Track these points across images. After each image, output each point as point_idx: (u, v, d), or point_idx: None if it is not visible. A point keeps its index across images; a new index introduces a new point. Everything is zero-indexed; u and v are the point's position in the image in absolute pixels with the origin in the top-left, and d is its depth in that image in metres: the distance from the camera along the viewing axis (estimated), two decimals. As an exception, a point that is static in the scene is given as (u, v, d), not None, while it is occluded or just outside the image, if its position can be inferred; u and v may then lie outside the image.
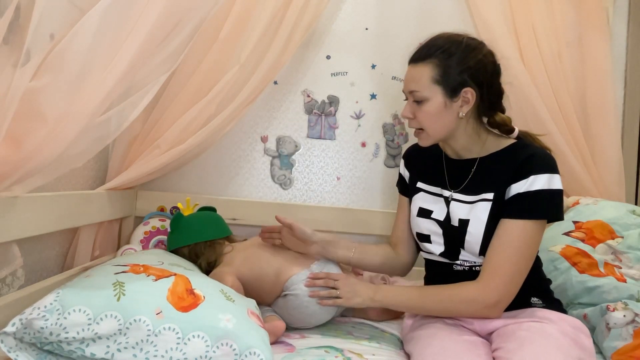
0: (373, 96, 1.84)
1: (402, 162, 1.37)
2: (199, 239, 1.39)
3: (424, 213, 1.22)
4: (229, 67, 1.49)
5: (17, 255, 1.04)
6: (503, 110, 1.19)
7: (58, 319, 0.85)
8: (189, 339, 0.89)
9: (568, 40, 1.69)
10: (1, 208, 0.93)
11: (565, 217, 1.38)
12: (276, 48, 1.54)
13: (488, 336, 1.11)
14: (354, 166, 1.84)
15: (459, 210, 1.15)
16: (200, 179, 1.79)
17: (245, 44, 1.50)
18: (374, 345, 1.20)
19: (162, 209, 1.71)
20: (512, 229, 1.07)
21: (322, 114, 1.83)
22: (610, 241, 1.40)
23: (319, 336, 1.22)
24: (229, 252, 1.38)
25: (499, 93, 1.17)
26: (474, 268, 1.15)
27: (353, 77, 1.84)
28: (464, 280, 1.13)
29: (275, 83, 1.79)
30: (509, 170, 1.10)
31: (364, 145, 1.84)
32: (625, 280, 1.35)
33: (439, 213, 1.19)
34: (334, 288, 1.20)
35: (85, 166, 1.47)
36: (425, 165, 1.29)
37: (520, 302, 1.09)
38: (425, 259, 1.26)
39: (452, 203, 1.18)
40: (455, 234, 1.15)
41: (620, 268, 1.38)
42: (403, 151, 1.84)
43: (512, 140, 1.18)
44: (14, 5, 0.79)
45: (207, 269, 1.35)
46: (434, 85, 1.11)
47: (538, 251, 1.12)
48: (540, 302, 1.12)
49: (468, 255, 1.15)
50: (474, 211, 1.12)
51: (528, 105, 1.63)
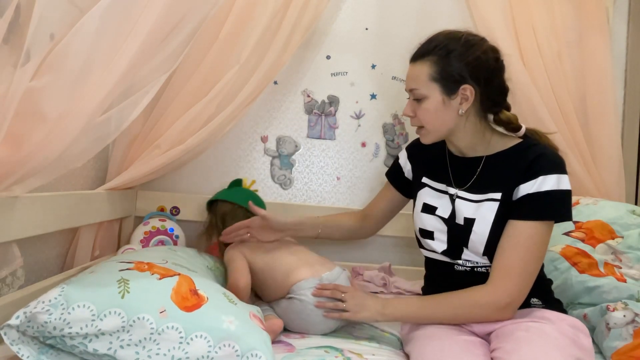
0: (373, 96, 1.84)
1: (405, 154, 1.36)
2: (242, 204, 1.46)
3: (429, 209, 1.21)
4: (229, 67, 1.49)
5: (17, 255, 1.04)
6: (508, 108, 1.17)
7: (62, 313, 0.86)
8: (191, 339, 0.89)
9: (568, 40, 1.69)
10: (1, 208, 0.93)
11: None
12: (276, 48, 1.54)
13: (486, 336, 1.11)
14: (354, 166, 1.84)
15: (465, 209, 1.14)
16: (200, 179, 1.79)
17: (245, 44, 1.50)
18: (373, 346, 1.20)
19: (162, 209, 1.71)
20: (522, 230, 1.06)
21: (322, 114, 1.83)
22: (610, 241, 1.40)
23: (318, 336, 1.22)
24: (235, 251, 1.36)
25: (502, 90, 1.15)
26: (475, 269, 1.14)
27: (353, 77, 1.84)
28: (466, 281, 1.13)
29: (275, 83, 1.79)
30: (517, 170, 1.09)
31: (364, 145, 1.84)
32: (625, 280, 1.35)
33: (444, 210, 1.18)
34: (341, 301, 1.18)
35: (85, 166, 1.47)
36: (430, 160, 1.27)
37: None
38: (426, 257, 1.26)
39: (458, 201, 1.17)
40: (459, 232, 1.14)
41: (620, 268, 1.38)
42: (403, 151, 1.85)
43: (518, 140, 1.16)
44: (14, 5, 0.79)
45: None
46: (431, 82, 1.11)
47: None
48: (540, 303, 1.12)
49: (471, 255, 1.14)
50: (480, 210, 1.12)
51: (528, 105, 1.63)
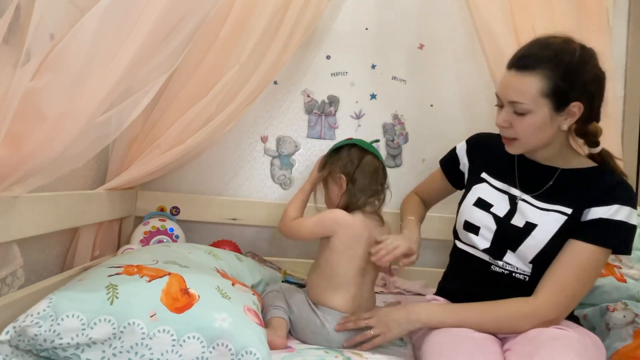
0: (373, 96, 1.84)
1: (464, 148, 1.32)
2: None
3: (483, 205, 1.19)
4: (229, 67, 1.49)
5: (17, 255, 1.03)
6: (599, 119, 1.12)
7: (52, 325, 0.85)
8: (184, 341, 0.88)
9: (568, 40, 1.69)
10: (1, 208, 0.93)
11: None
12: (276, 48, 1.54)
13: (500, 336, 1.10)
14: (354, 166, 1.84)
15: (529, 213, 1.12)
16: (200, 179, 1.79)
17: (245, 44, 1.49)
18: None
19: (162, 209, 1.71)
20: (585, 252, 1.05)
21: (322, 114, 1.83)
22: (610, 241, 1.40)
23: (319, 336, 1.22)
24: (348, 217, 1.25)
25: (602, 102, 1.10)
26: (514, 274, 1.13)
27: (353, 77, 1.84)
28: (500, 283, 1.12)
29: (275, 83, 1.79)
30: (593, 192, 1.08)
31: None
32: (625, 280, 1.35)
33: (500, 209, 1.16)
34: (368, 327, 1.14)
35: (85, 166, 1.47)
36: (494, 158, 1.24)
37: None
38: (460, 250, 1.23)
39: (522, 204, 1.14)
40: (512, 233, 1.12)
41: (620, 268, 1.38)
42: (403, 151, 1.85)
43: (593, 163, 1.14)
44: (14, 5, 0.79)
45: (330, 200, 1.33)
46: (541, 98, 1.04)
47: None
48: None
49: (514, 260, 1.12)
50: (545, 219, 1.10)
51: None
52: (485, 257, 1.16)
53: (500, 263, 1.14)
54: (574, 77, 1.03)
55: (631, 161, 1.84)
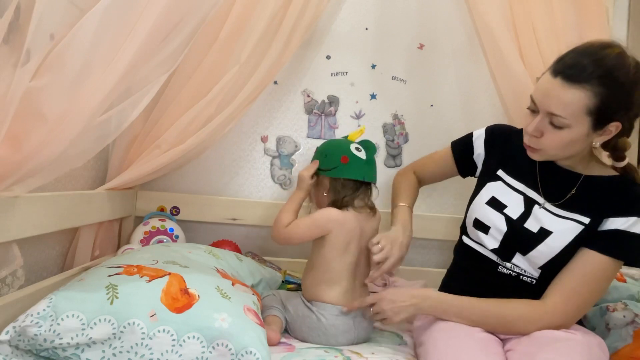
0: (373, 96, 1.84)
1: (482, 138, 1.26)
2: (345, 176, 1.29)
3: (496, 204, 1.15)
4: (229, 67, 1.49)
5: (17, 255, 1.03)
6: (630, 134, 1.07)
7: (51, 325, 0.85)
8: (184, 341, 0.88)
9: (568, 40, 1.68)
10: (1, 208, 0.93)
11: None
12: (276, 48, 1.54)
13: (503, 336, 1.10)
14: (354, 166, 1.84)
15: (545, 219, 1.09)
16: (200, 179, 1.79)
17: (245, 44, 1.49)
18: (373, 344, 1.20)
19: (162, 209, 1.71)
20: (598, 262, 1.04)
21: (322, 114, 1.83)
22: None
23: (319, 336, 1.22)
24: (340, 214, 1.25)
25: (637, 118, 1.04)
26: (521, 277, 1.11)
27: (353, 77, 1.83)
28: (506, 284, 1.11)
29: (275, 83, 1.79)
30: (612, 202, 1.05)
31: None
32: (625, 280, 1.35)
33: (514, 210, 1.13)
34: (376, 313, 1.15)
35: (85, 166, 1.47)
36: (512, 154, 1.18)
37: None
38: (467, 246, 1.20)
39: (537, 208, 1.11)
40: (524, 237, 1.10)
41: (620, 268, 1.38)
42: (403, 151, 1.85)
43: (615, 172, 1.11)
44: (14, 5, 0.79)
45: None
46: (584, 116, 0.97)
47: None
48: None
49: (523, 263, 1.11)
50: (561, 227, 1.07)
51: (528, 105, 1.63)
52: (493, 257, 1.15)
53: (508, 265, 1.12)
54: (623, 98, 0.97)
55: (631, 161, 1.83)
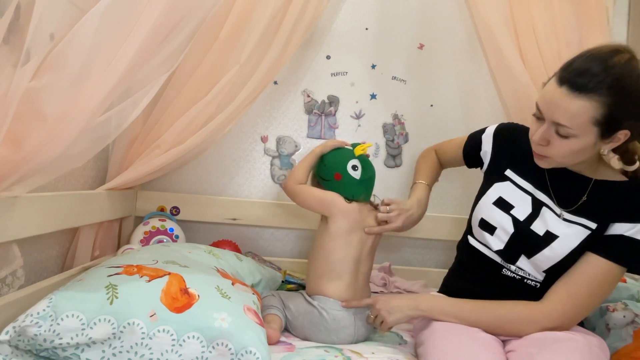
0: (373, 96, 1.84)
1: (491, 137, 1.24)
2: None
3: (503, 205, 1.14)
4: (229, 67, 1.49)
5: (17, 255, 1.04)
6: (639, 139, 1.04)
7: (51, 325, 0.85)
8: (184, 340, 0.88)
9: (568, 40, 1.69)
10: (1, 208, 0.93)
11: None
12: (276, 48, 1.54)
13: (504, 337, 1.10)
14: (354, 166, 1.84)
15: (552, 222, 1.08)
16: (200, 179, 1.79)
17: (245, 44, 1.49)
18: (373, 344, 1.20)
19: (162, 209, 1.71)
20: (601, 267, 1.03)
21: (322, 114, 1.83)
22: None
23: (319, 336, 1.22)
24: (347, 205, 1.29)
25: None
26: (525, 280, 1.11)
27: (353, 77, 1.84)
28: (510, 286, 1.11)
29: (275, 83, 1.79)
30: (619, 207, 1.04)
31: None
32: (625, 280, 1.35)
33: (521, 212, 1.11)
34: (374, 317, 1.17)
35: (85, 166, 1.47)
36: (522, 154, 1.15)
37: None
38: (472, 247, 1.20)
39: (545, 210, 1.10)
40: (529, 240, 1.09)
41: (623, 274, 1.38)
42: (403, 151, 1.85)
43: (622, 176, 1.10)
44: (14, 5, 0.79)
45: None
46: (591, 126, 0.94)
47: None
48: None
49: (528, 266, 1.10)
50: (567, 231, 1.06)
51: (528, 106, 1.62)
52: (498, 259, 1.14)
53: (512, 267, 1.12)
54: (632, 107, 0.93)
55: None
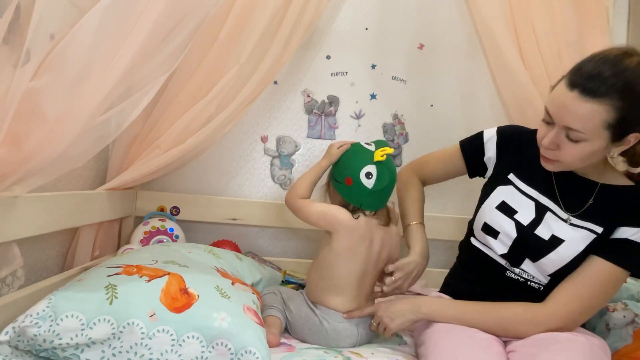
0: (373, 96, 1.84)
1: (495, 140, 1.21)
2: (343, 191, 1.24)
3: (507, 209, 1.13)
4: (229, 67, 1.49)
5: (17, 255, 1.03)
6: None
7: (51, 325, 0.85)
8: (183, 340, 0.88)
9: (568, 40, 1.69)
10: (1, 208, 0.93)
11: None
12: (276, 48, 1.54)
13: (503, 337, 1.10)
14: (354, 166, 1.84)
15: (557, 227, 1.08)
16: (200, 179, 1.79)
17: (245, 44, 1.49)
18: (372, 344, 1.20)
19: (162, 209, 1.71)
20: (605, 270, 1.03)
21: (322, 114, 1.83)
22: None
23: (319, 336, 1.22)
24: (351, 221, 1.21)
25: None
26: (529, 282, 1.11)
27: (353, 77, 1.83)
28: (514, 289, 1.11)
29: (275, 83, 1.79)
30: (626, 211, 1.04)
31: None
32: (625, 281, 1.35)
33: (525, 216, 1.11)
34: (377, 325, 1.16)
35: (85, 166, 1.47)
36: (525, 158, 1.15)
37: None
38: (476, 248, 1.19)
39: (550, 215, 1.09)
40: (534, 244, 1.08)
41: (627, 278, 1.38)
42: (403, 151, 1.85)
43: (629, 181, 1.09)
44: (14, 5, 0.79)
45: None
46: (603, 130, 0.93)
47: None
48: None
49: (532, 269, 1.10)
50: (573, 235, 1.06)
51: (528, 106, 1.63)
52: (502, 262, 1.13)
53: (516, 270, 1.12)
54: None
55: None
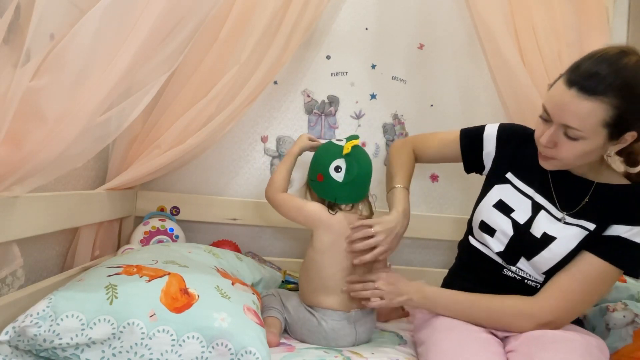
0: (373, 96, 1.84)
1: (495, 136, 1.21)
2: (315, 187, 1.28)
3: (504, 208, 1.14)
4: (229, 67, 1.49)
5: (17, 255, 1.03)
6: None
7: (51, 325, 0.85)
8: (183, 341, 0.88)
9: (568, 40, 1.69)
10: (1, 208, 0.93)
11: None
12: (276, 48, 1.54)
13: (503, 337, 1.10)
14: (354, 166, 1.83)
15: (550, 225, 1.09)
16: (200, 179, 1.79)
17: (245, 44, 1.49)
18: (372, 344, 1.20)
19: (162, 209, 1.71)
20: (594, 266, 1.03)
21: (322, 114, 1.83)
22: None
23: (318, 336, 1.22)
24: (328, 217, 1.23)
25: None
26: (526, 281, 1.12)
27: (353, 77, 1.83)
28: (511, 287, 1.11)
29: (275, 83, 1.79)
30: (619, 209, 1.04)
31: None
32: (625, 281, 1.35)
33: (521, 215, 1.12)
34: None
35: (85, 166, 1.47)
36: (522, 157, 1.16)
37: None
38: (473, 247, 1.20)
39: (543, 213, 1.10)
40: (529, 243, 1.09)
41: (619, 275, 1.38)
42: (403, 151, 1.85)
43: (625, 180, 1.10)
44: (14, 5, 0.79)
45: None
46: (601, 128, 0.94)
47: None
48: None
49: (528, 268, 1.11)
50: (565, 232, 1.07)
51: (528, 106, 1.62)
52: (498, 260, 1.15)
53: (512, 268, 1.13)
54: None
55: None
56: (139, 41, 1.00)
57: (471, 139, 1.27)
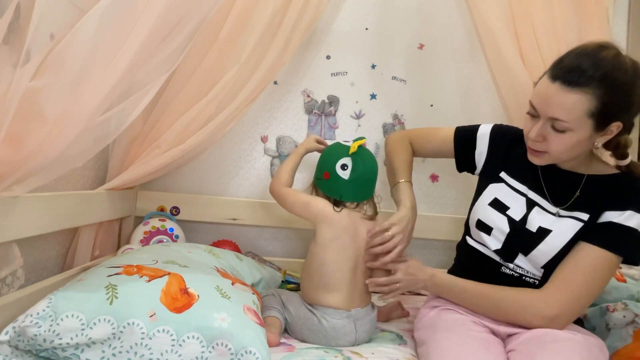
0: (373, 96, 1.84)
1: (487, 137, 1.25)
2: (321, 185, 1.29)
3: (499, 206, 1.16)
4: (229, 67, 1.49)
5: (17, 255, 1.04)
6: (630, 131, 1.08)
7: (51, 325, 0.85)
8: (183, 341, 0.88)
9: (568, 40, 1.69)
10: (1, 208, 0.93)
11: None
12: (276, 48, 1.54)
13: (505, 337, 1.10)
14: (354, 166, 1.83)
15: (544, 218, 1.10)
16: (200, 179, 1.79)
17: (245, 44, 1.49)
18: (372, 344, 1.20)
19: (162, 209, 1.71)
20: (593, 255, 1.04)
21: (322, 114, 1.83)
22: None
23: (319, 336, 1.22)
24: (333, 213, 1.23)
25: (636, 116, 1.05)
26: (524, 277, 1.12)
27: (353, 77, 1.83)
28: (509, 284, 1.11)
29: (275, 83, 1.79)
30: (610, 196, 1.06)
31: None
32: (625, 281, 1.35)
33: (516, 212, 1.14)
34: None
35: (85, 166, 1.47)
36: (514, 156, 1.20)
37: None
38: (471, 247, 1.22)
39: (537, 208, 1.12)
40: (525, 238, 1.11)
41: (621, 268, 1.38)
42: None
43: (615, 170, 1.12)
44: (14, 5, 0.79)
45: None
46: (586, 118, 0.98)
47: None
48: None
49: (526, 264, 1.12)
50: (559, 225, 1.09)
51: (528, 106, 1.63)
52: (496, 258, 1.16)
53: (510, 265, 1.13)
54: (623, 98, 0.98)
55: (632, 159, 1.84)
56: (139, 41, 1.00)
57: (465, 137, 1.30)
